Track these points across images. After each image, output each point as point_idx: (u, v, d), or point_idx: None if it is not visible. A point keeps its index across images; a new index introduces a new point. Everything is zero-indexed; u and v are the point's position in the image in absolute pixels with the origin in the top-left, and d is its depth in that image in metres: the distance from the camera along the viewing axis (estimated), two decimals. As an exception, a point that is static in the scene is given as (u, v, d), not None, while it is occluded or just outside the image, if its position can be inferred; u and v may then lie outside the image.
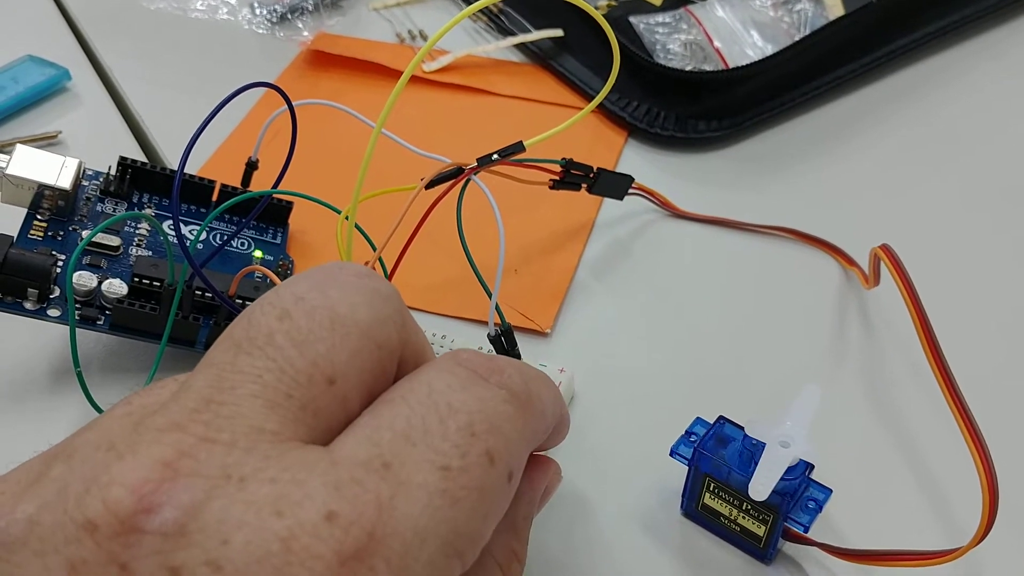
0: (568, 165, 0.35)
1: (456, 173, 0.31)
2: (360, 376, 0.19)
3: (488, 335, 0.30)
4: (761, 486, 0.25)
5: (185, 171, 0.32)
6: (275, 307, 0.19)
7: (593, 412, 0.32)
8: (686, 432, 0.28)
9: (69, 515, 0.16)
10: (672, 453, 0.28)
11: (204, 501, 0.16)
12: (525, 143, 0.32)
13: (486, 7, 0.48)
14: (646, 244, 0.39)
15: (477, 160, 0.31)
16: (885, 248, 0.31)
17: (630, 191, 0.38)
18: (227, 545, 0.15)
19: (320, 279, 0.20)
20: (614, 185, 0.38)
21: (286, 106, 0.32)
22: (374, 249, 0.30)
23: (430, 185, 0.31)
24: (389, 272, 0.32)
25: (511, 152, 0.32)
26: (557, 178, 0.35)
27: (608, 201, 0.39)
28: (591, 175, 0.36)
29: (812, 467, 0.27)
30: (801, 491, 0.26)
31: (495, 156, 0.32)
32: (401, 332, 0.20)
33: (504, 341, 0.31)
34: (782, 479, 0.26)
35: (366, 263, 0.30)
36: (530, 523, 0.24)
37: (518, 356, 0.31)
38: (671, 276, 0.37)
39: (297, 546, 0.15)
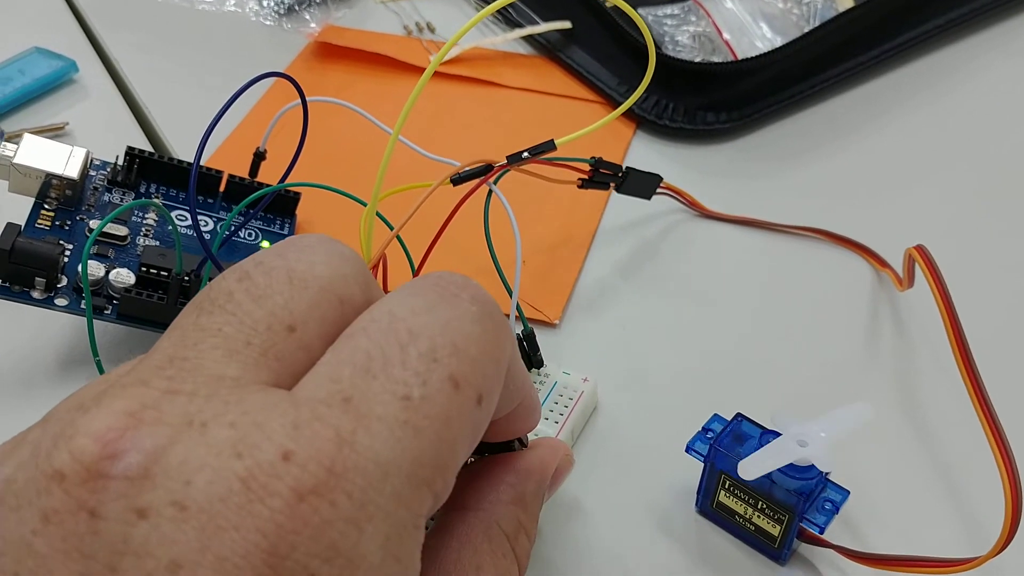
0: (597, 164, 0.34)
1: (484, 171, 0.31)
2: (322, 326, 0.19)
3: None
4: (752, 467, 0.25)
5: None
6: (235, 271, 0.19)
7: (614, 409, 0.32)
8: (703, 428, 0.28)
9: (40, 469, 0.16)
10: (688, 449, 0.28)
11: (167, 446, 0.16)
12: (556, 142, 0.32)
13: (494, -1, 0.48)
14: (673, 244, 0.38)
15: (507, 158, 0.31)
16: (920, 249, 0.30)
17: (658, 190, 0.38)
18: (190, 486, 0.16)
19: (280, 246, 0.20)
20: (642, 184, 0.37)
21: (299, 99, 0.32)
22: (391, 228, 0.30)
23: (457, 181, 0.30)
24: (416, 267, 0.31)
25: (542, 151, 0.31)
26: (585, 177, 0.34)
27: (633, 200, 0.38)
28: (620, 174, 0.35)
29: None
30: (818, 492, 0.26)
31: (525, 154, 0.31)
32: (366, 290, 0.20)
33: (526, 345, 0.31)
34: (799, 478, 0.25)
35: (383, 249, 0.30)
36: (540, 501, 0.24)
37: (540, 361, 0.31)
38: (699, 276, 0.37)
39: (256, 485, 0.16)
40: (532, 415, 0.24)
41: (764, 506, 0.27)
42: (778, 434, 0.26)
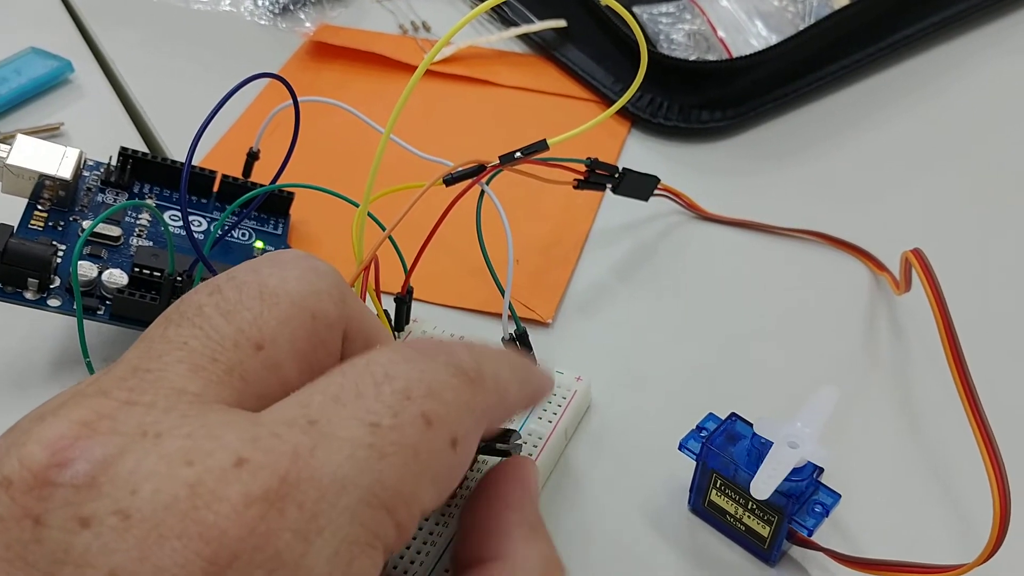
0: (593, 165, 0.34)
1: (477, 171, 0.30)
2: (292, 343, 0.19)
3: (502, 339, 0.30)
4: (763, 485, 0.25)
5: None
6: (207, 285, 0.19)
7: (608, 408, 0.32)
8: (697, 427, 0.28)
9: None
10: (681, 447, 0.28)
11: (117, 455, 0.16)
12: (548, 141, 0.32)
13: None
14: (669, 245, 0.38)
15: (500, 158, 0.31)
16: (917, 253, 0.30)
17: (655, 192, 0.37)
18: (135, 495, 0.15)
19: (255, 261, 0.20)
20: (639, 186, 0.37)
21: (291, 100, 0.32)
22: (384, 230, 0.30)
23: (449, 182, 0.30)
24: (409, 268, 0.31)
25: (534, 150, 0.31)
26: (581, 178, 0.34)
27: (631, 201, 0.38)
28: (616, 175, 0.35)
29: (821, 470, 0.26)
30: (809, 494, 0.26)
31: (518, 154, 0.31)
32: (340, 306, 0.20)
33: (519, 345, 0.31)
34: (788, 480, 0.25)
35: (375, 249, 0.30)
36: (543, 522, 0.24)
37: (532, 360, 0.31)
38: (696, 277, 0.37)
39: (203, 490, 0.15)
40: (541, 395, 0.24)
41: (754, 507, 0.27)
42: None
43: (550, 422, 0.30)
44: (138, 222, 0.33)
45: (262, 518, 0.15)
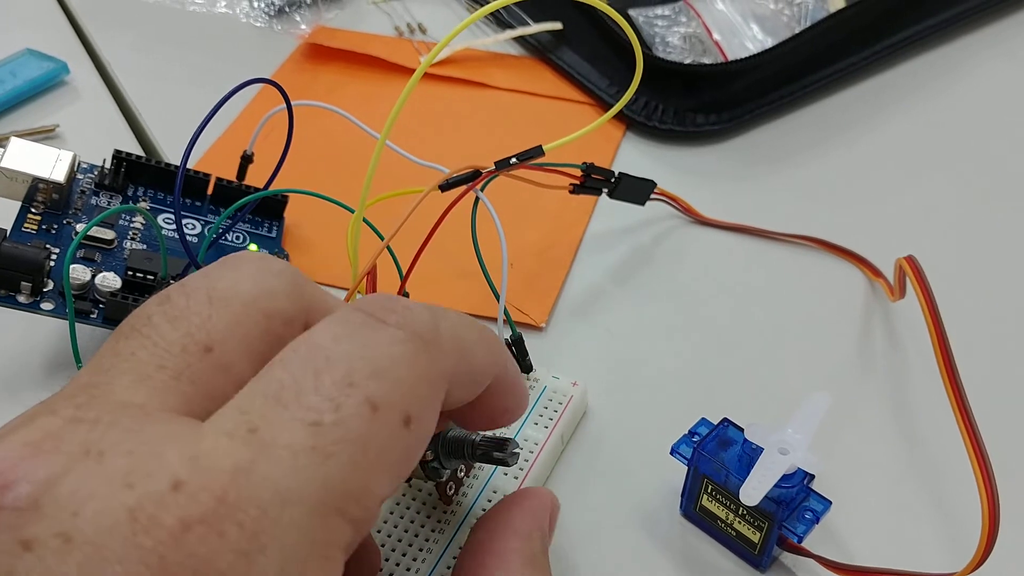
0: (589, 169, 0.34)
1: (472, 176, 0.30)
2: (245, 344, 0.18)
3: None
4: (753, 491, 0.25)
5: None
6: (158, 296, 0.19)
7: (603, 412, 0.32)
8: (689, 432, 0.28)
9: None
10: (673, 452, 0.28)
11: (61, 475, 0.16)
12: (544, 147, 0.31)
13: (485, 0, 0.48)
14: (665, 250, 0.38)
15: (495, 164, 0.31)
16: (910, 260, 0.30)
17: (651, 196, 0.37)
18: (78, 516, 0.15)
19: (208, 267, 0.20)
20: (636, 190, 0.36)
21: (284, 104, 0.32)
22: (381, 238, 0.30)
23: (445, 187, 0.30)
24: (404, 273, 0.31)
25: (530, 156, 0.31)
26: (577, 182, 0.34)
27: (627, 205, 0.37)
28: (612, 180, 0.35)
29: (812, 477, 0.26)
30: (799, 500, 0.26)
31: (514, 160, 0.31)
32: (298, 301, 0.20)
33: (515, 350, 0.31)
34: (778, 486, 0.25)
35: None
36: (547, 556, 0.23)
37: (529, 366, 0.31)
38: (691, 282, 0.37)
39: (142, 515, 0.15)
40: (513, 394, 0.22)
41: (745, 512, 0.27)
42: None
43: (546, 427, 0.30)
44: (132, 225, 0.33)
45: (201, 541, 0.15)
